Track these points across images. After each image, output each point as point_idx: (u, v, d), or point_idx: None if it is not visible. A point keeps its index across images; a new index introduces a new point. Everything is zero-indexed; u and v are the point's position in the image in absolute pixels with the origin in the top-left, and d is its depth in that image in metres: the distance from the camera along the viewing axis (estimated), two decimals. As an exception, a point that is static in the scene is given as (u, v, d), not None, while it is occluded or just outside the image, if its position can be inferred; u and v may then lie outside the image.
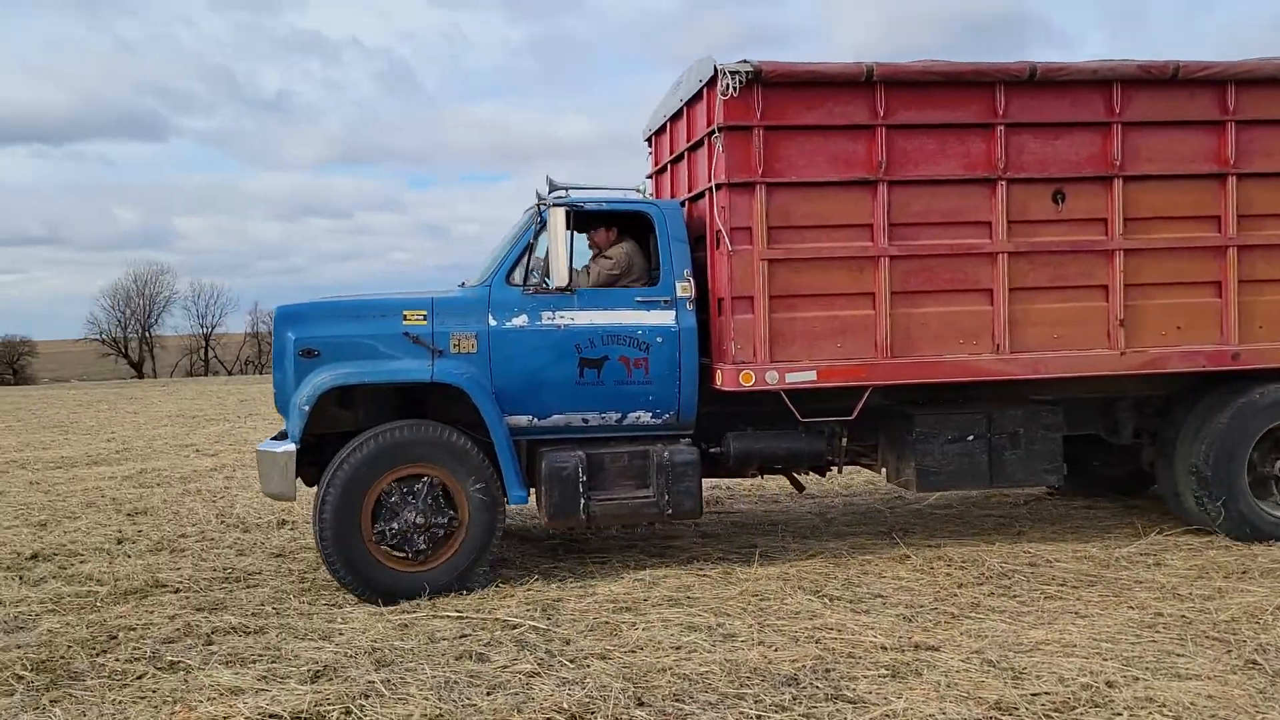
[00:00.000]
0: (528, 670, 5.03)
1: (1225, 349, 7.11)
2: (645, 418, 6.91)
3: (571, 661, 5.17)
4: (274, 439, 6.76)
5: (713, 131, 6.72)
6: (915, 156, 6.85)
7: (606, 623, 5.82)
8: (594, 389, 6.81)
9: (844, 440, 7.34)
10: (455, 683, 4.86)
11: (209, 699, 4.76)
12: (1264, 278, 7.15)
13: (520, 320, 6.77)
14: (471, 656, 5.29)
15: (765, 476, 8.03)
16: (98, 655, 5.49)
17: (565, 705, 4.52)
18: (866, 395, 6.98)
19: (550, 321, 6.78)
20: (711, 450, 7.17)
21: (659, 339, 6.83)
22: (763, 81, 6.59)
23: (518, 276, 6.87)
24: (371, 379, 6.57)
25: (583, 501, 6.66)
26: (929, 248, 6.87)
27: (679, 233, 7.00)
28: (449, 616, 6.04)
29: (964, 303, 6.94)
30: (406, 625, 5.90)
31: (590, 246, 7.41)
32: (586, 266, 7.19)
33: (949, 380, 7.04)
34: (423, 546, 6.50)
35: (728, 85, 6.53)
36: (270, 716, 4.52)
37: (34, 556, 7.93)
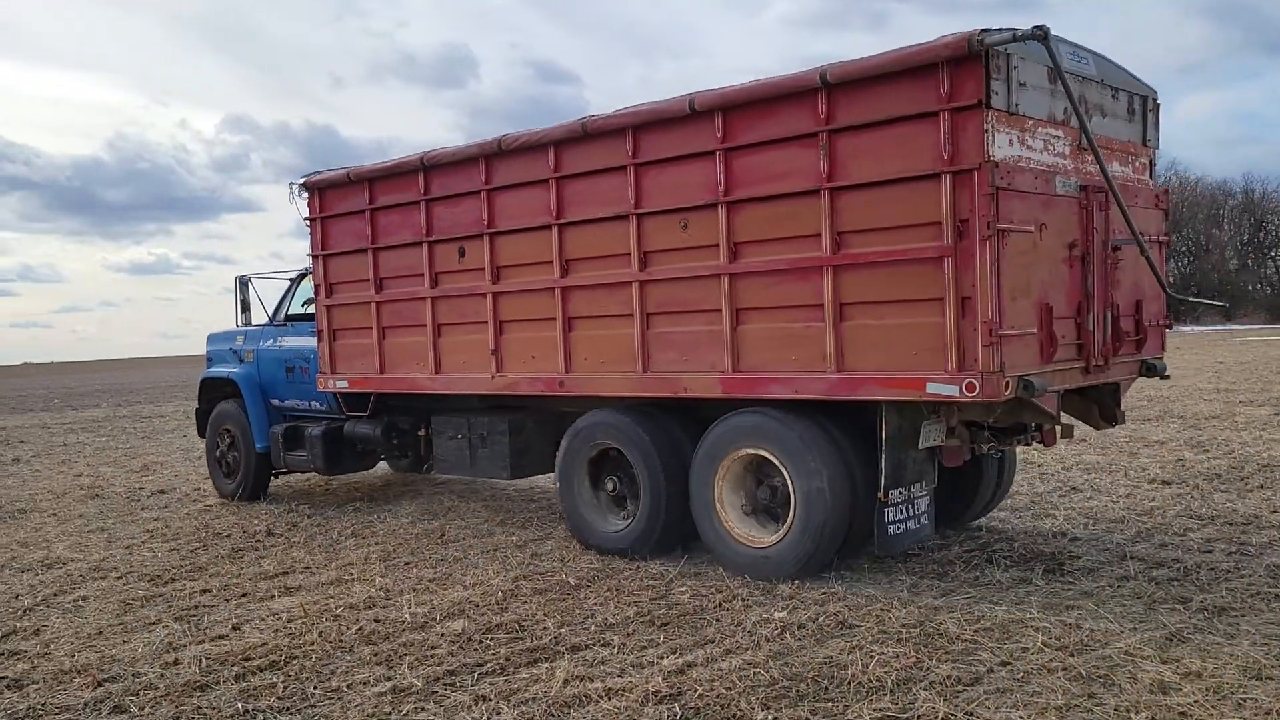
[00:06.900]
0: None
1: (557, 377, 8.01)
2: (319, 406, 10.76)
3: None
4: None
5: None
6: (390, 229, 9.37)
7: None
8: (292, 385, 10.95)
9: (423, 433, 10.01)
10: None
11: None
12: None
13: (269, 343, 11.27)
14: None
15: None
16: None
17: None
18: (373, 400, 9.77)
19: (276, 344, 11.13)
20: (354, 431, 10.60)
21: (312, 355, 10.63)
22: (315, 188, 9.95)
23: (281, 315, 11.32)
24: (209, 375, 11.80)
25: (283, 454, 10.90)
26: (396, 294, 9.36)
27: None
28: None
29: (412, 335, 9.23)
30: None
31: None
32: None
33: (402, 391, 9.40)
34: (230, 467, 11.53)
35: (296, 194, 10.08)
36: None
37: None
